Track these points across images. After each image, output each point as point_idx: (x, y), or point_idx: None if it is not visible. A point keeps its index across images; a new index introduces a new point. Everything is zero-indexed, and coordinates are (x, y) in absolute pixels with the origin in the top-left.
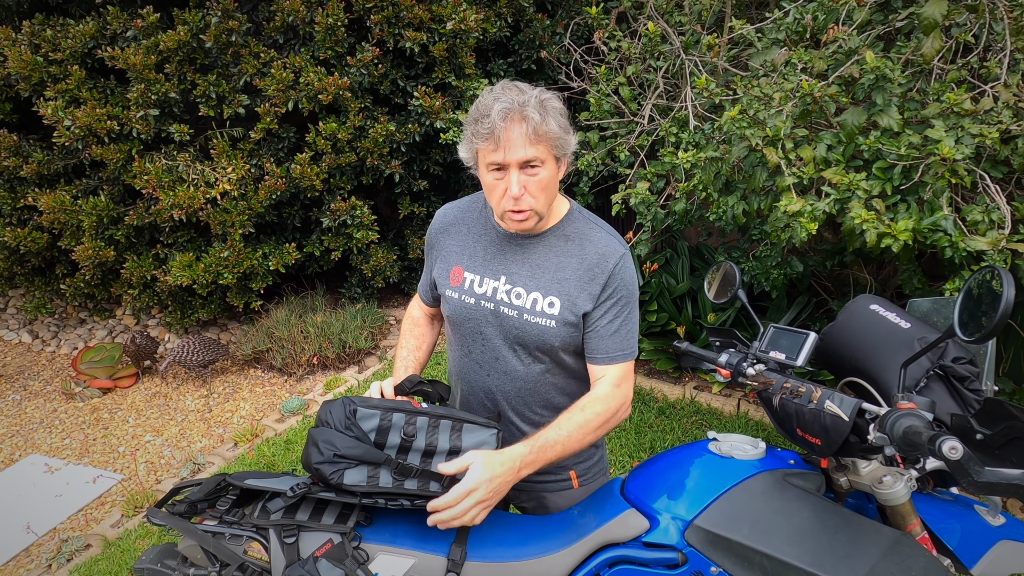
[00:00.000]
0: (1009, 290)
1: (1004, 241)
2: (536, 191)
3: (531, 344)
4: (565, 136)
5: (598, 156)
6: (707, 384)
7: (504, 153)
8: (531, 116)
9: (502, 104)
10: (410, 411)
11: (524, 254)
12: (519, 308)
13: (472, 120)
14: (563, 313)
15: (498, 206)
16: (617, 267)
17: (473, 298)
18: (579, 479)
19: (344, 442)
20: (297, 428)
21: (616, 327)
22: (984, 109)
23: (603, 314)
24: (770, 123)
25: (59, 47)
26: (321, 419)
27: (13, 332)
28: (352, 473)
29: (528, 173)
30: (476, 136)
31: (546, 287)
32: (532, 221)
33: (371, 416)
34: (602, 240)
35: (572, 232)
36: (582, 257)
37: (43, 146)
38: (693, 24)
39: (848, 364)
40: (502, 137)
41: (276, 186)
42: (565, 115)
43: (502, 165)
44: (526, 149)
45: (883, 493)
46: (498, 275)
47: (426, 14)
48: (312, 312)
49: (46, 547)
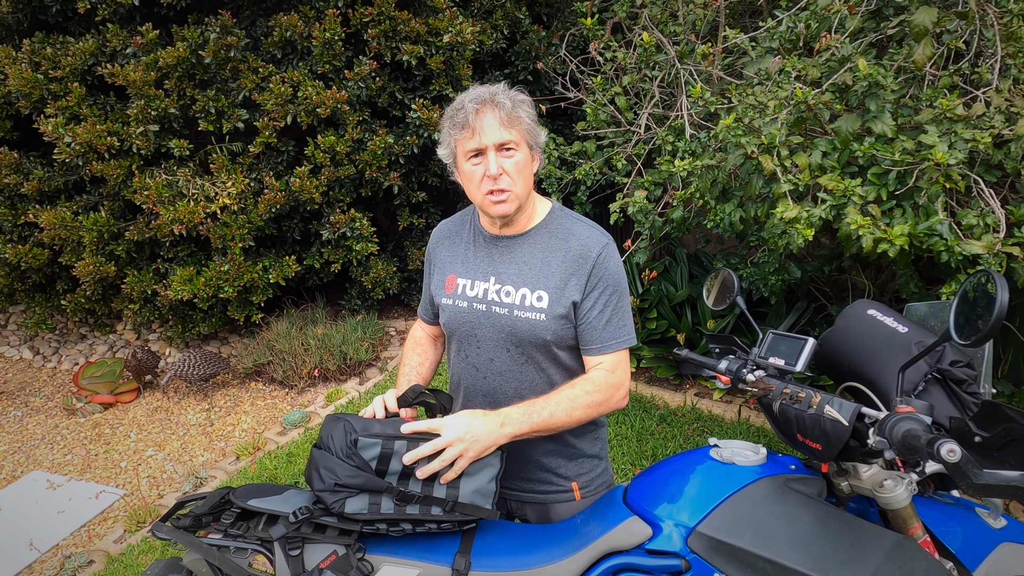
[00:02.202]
0: (1003, 294)
1: (999, 244)
2: (513, 173)
3: (524, 340)
4: (535, 126)
5: (595, 165)
6: (708, 391)
7: (480, 137)
8: (502, 102)
9: (473, 95)
10: (412, 438)
11: (511, 253)
12: (509, 305)
13: (448, 117)
14: (552, 306)
15: (479, 192)
16: (601, 256)
17: (466, 302)
18: (581, 491)
19: (345, 471)
20: (299, 441)
21: (607, 316)
22: (976, 114)
23: (592, 304)
24: (765, 131)
25: (59, 64)
26: (323, 441)
27: (14, 348)
28: (353, 502)
29: (504, 155)
30: (453, 128)
31: (533, 282)
32: (512, 204)
33: (372, 445)
34: (584, 232)
35: (556, 228)
36: (566, 250)
37: (44, 163)
38: (687, 34)
39: (847, 369)
40: (477, 124)
41: (276, 200)
42: (534, 108)
43: (479, 150)
44: (501, 132)
45: (884, 497)
46: (487, 276)
47: (423, 27)
48: (313, 324)
49: (49, 564)
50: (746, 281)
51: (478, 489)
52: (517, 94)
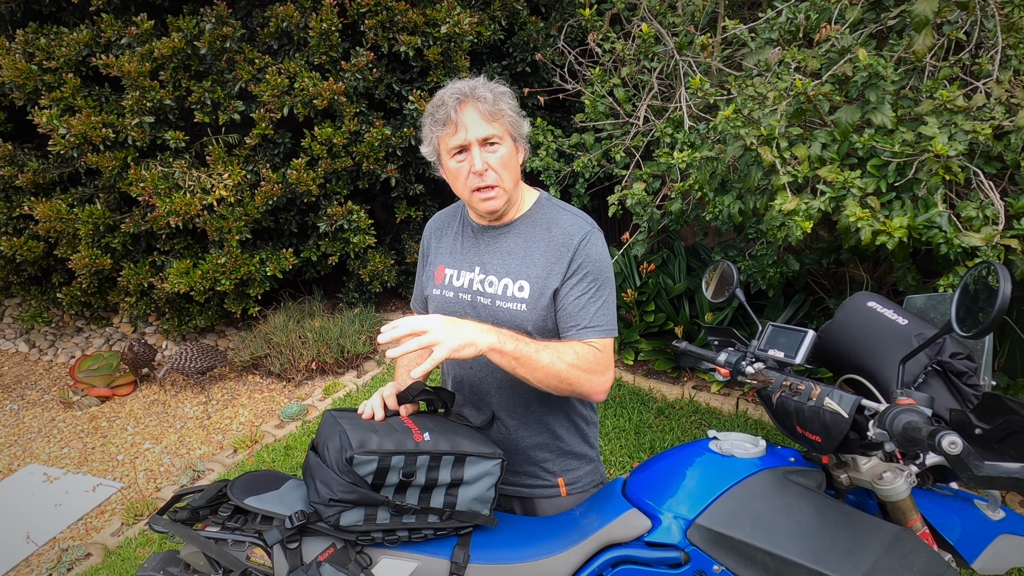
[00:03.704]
0: (1006, 285)
1: (998, 237)
2: (499, 167)
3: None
4: (518, 118)
5: (594, 157)
6: (706, 383)
7: (463, 133)
8: (484, 96)
9: (453, 90)
10: (409, 452)
11: (496, 244)
12: (492, 295)
13: (429, 114)
14: (533, 296)
15: (465, 189)
16: (582, 243)
17: (452, 291)
18: (567, 487)
19: (340, 487)
20: (296, 434)
21: (583, 303)
22: (977, 105)
23: (569, 290)
24: (764, 122)
25: (53, 55)
26: (320, 445)
27: (10, 342)
28: (349, 515)
29: (488, 150)
30: (435, 124)
31: (516, 272)
32: (501, 200)
33: (368, 462)
34: (568, 221)
35: (540, 218)
36: (549, 240)
37: (38, 155)
38: (686, 25)
39: (846, 361)
40: (459, 120)
41: (272, 192)
42: (515, 99)
43: (463, 147)
44: (484, 126)
45: (883, 489)
46: (473, 266)
47: (420, 18)
48: (310, 317)
49: (46, 557)
50: (744, 274)
51: (477, 497)
52: (498, 86)
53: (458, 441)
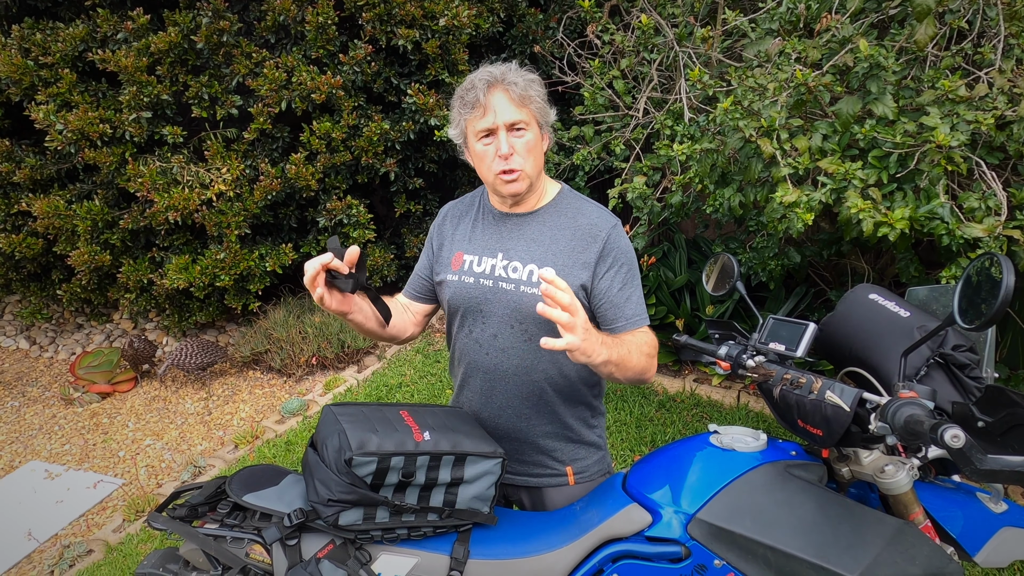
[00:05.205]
0: (1009, 277)
1: (1000, 227)
2: (524, 152)
3: (529, 317)
4: (546, 106)
5: (593, 150)
6: (707, 377)
7: (492, 117)
8: (514, 81)
9: (484, 74)
10: (409, 453)
11: (520, 230)
12: (516, 281)
13: (458, 97)
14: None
15: (490, 172)
16: (611, 235)
17: (472, 277)
18: (576, 476)
19: (339, 487)
20: (297, 429)
21: (628, 293)
22: (979, 95)
23: (610, 282)
24: (765, 114)
25: (49, 51)
26: (319, 442)
27: (10, 339)
28: (348, 514)
29: (515, 135)
30: (464, 107)
31: (541, 258)
32: (524, 184)
33: (367, 463)
34: (593, 212)
35: (565, 207)
36: (575, 228)
37: (35, 151)
38: (686, 16)
39: (848, 354)
40: (488, 103)
41: (271, 187)
42: (543, 86)
43: (491, 130)
44: (512, 111)
45: (885, 482)
46: (495, 252)
47: (418, 11)
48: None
49: (48, 554)
50: (745, 266)
51: (477, 495)
52: (528, 73)
53: (459, 440)
